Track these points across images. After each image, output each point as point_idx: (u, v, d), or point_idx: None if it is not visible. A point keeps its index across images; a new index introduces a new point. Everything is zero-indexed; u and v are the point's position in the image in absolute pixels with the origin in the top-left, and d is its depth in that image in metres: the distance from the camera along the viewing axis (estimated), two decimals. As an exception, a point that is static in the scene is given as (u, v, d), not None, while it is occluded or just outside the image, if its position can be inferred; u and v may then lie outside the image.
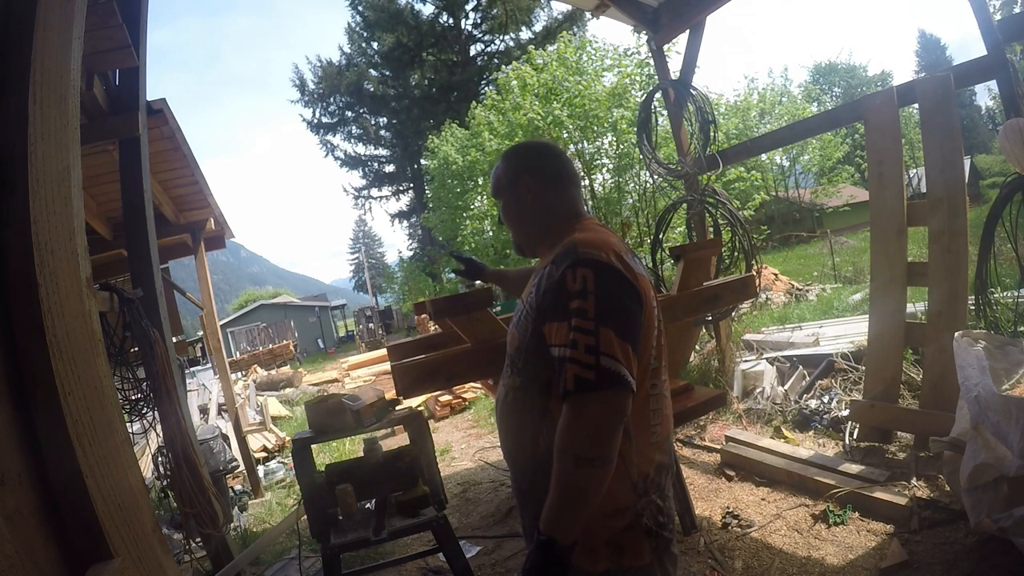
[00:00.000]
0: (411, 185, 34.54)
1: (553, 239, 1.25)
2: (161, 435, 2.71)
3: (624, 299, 1.08)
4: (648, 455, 1.14)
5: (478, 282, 2.18)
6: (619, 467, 1.05)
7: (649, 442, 1.15)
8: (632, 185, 14.22)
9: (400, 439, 5.40)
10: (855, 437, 3.42)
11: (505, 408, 1.26)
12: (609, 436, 1.01)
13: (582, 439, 1.00)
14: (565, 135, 14.08)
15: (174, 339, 3.64)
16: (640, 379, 1.09)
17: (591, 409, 1.00)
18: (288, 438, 6.58)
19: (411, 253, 37.37)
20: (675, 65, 5.25)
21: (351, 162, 35.24)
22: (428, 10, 31.08)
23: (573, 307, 1.05)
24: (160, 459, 2.74)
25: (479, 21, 30.65)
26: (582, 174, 14.80)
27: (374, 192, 36.46)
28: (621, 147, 13.69)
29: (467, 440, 5.93)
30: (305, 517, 2.62)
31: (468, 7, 30.15)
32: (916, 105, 3.24)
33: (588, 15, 13.65)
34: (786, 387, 4.37)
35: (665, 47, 5.09)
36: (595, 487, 1.01)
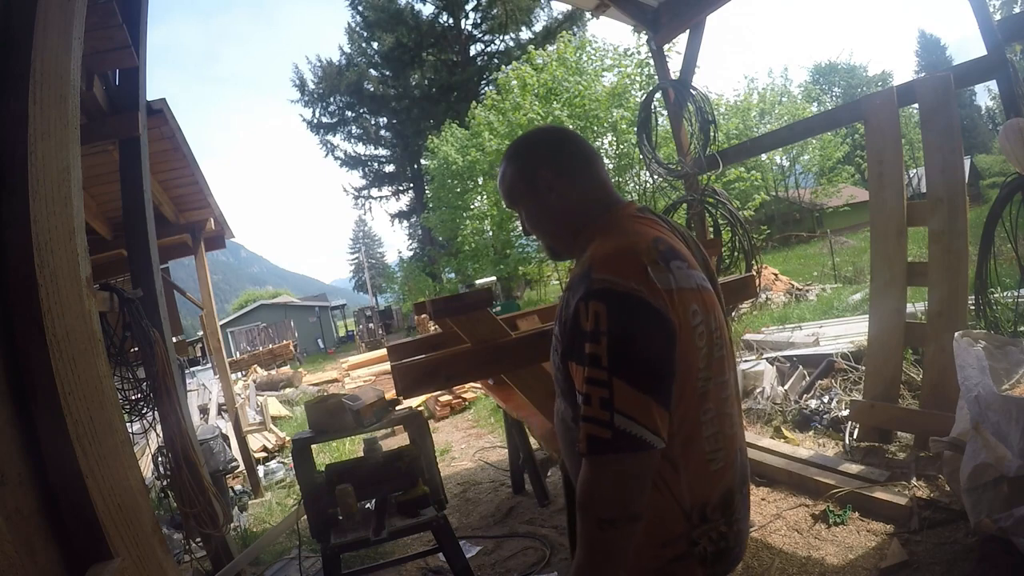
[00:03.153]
0: (411, 185, 34.55)
1: (582, 241, 1.10)
2: (161, 435, 2.71)
3: (644, 339, 0.92)
4: (707, 483, 1.03)
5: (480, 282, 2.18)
6: (667, 499, 1.00)
7: (708, 471, 1.03)
8: (632, 185, 14.24)
9: (400, 439, 5.40)
10: (855, 437, 3.42)
11: (561, 428, 1.17)
12: (632, 496, 0.93)
13: (602, 502, 0.92)
14: (565, 135, 14.09)
15: (174, 339, 3.64)
16: (684, 412, 0.99)
17: (609, 471, 0.91)
18: (288, 438, 6.58)
19: (411, 253, 37.37)
20: (675, 65, 5.26)
21: (351, 162, 35.26)
22: (428, 10, 31.14)
23: (587, 353, 0.92)
24: (160, 459, 2.74)
25: (479, 21, 30.67)
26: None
27: (374, 192, 36.52)
28: (621, 147, 13.71)
29: (467, 440, 5.93)
30: (305, 517, 2.62)
31: (468, 7, 30.17)
32: (916, 105, 3.24)
33: (588, 15, 13.66)
34: (786, 387, 4.37)
35: (665, 47, 5.09)
36: (621, 546, 0.94)
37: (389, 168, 35.70)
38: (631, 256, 0.97)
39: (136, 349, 2.63)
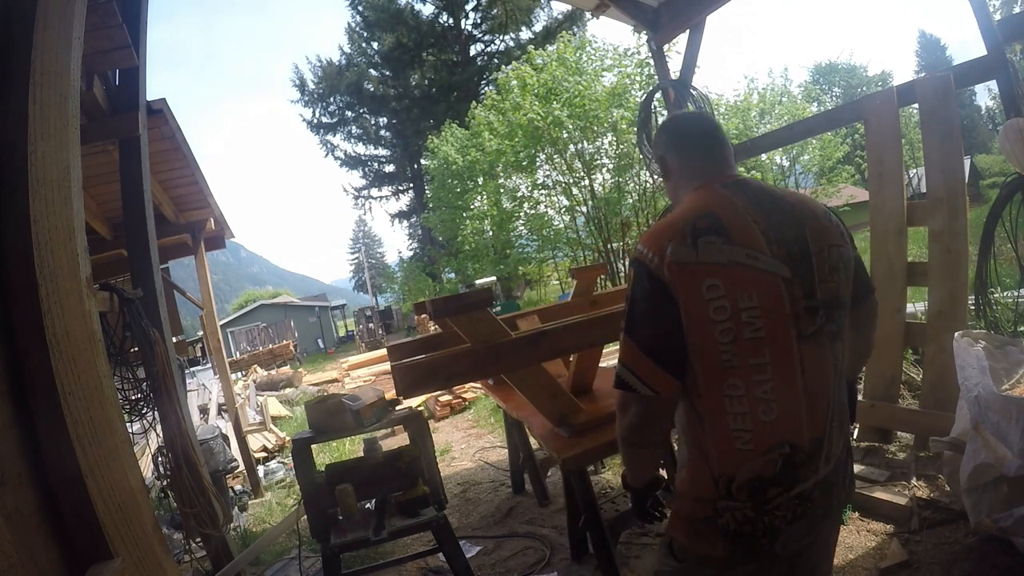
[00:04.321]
0: (411, 185, 34.56)
1: None
2: (161, 435, 2.71)
3: (645, 304, 1.08)
4: (731, 459, 1.08)
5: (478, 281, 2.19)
6: (699, 459, 1.13)
7: (733, 447, 1.08)
8: (632, 185, 14.23)
9: (400, 439, 5.40)
10: (855, 437, 3.42)
11: None
12: (639, 429, 1.14)
13: (621, 425, 1.16)
14: (565, 135, 14.09)
15: (174, 339, 3.64)
16: (707, 380, 1.08)
17: (622, 404, 1.14)
18: (288, 438, 6.58)
19: (411, 253, 37.39)
20: (675, 65, 5.25)
21: (351, 162, 35.26)
22: (428, 10, 31.15)
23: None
24: (160, 459, 2.74)
25: (479, 21, 30.67)
26: (582, 174, 14.83)
27: (374, 192, 36.53)
28: (621, 147, 13.71)
29: (467, 440, 5.92)
30: (305, 517, 2.62)
31: (468, 7, 30.18)
32: (916, 105, 3.24)
33: (588, 15, 13.65)
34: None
35: (665, 47, 5.09)
36: (632, 458, 1.25)
37: (389, 168, 35.72)
38: (663, 230, 1.10)
39: (136, 349, 2.63)
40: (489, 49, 31.19)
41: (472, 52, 31.13)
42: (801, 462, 1.09)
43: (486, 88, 25.42)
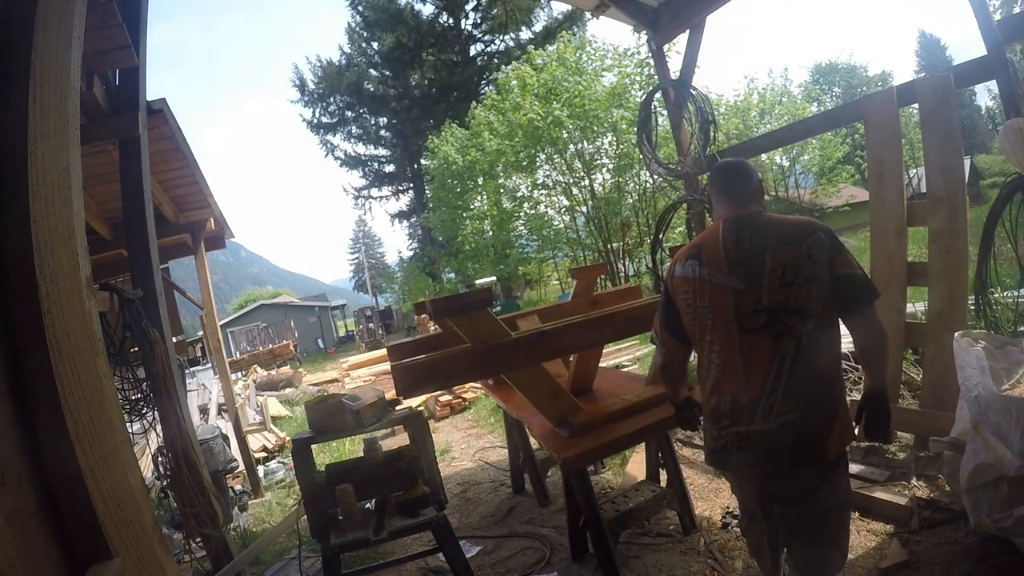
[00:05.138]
0: (411, 185, 34.54)
1: None
2: (161, 435, 2.71)
3: (664, 299, 1.86)
4: (706, 395, 1.78)
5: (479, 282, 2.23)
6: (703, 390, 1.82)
7: (706, 388, 1.78)
8: (632, 185, 14.23)
9: (400, 439, 5.40)
10: (855, 433, 3.41)
11: None
12: (662, 368, 1.94)
13: (653, 366, 2.23)
14: (565, 135, 14.09)
15: (174, 339, 3.64)
16: (693, 345, 1.81)
17: (656, 355, 1.99)
18: (288, 438, 6.58)
19: (411, 253, 37.36)
20: (675, 65, 5.26)
21: (351, 162, 35.24)
22: (428, 10, 31.12)
23: None
24: (160, 459, 2.74)
25: (479, 21, 30.65)
26: (582, 173, 14.82)
27: (374, 192, 36.49)
28: (621, 147, 13.70)
29: (467, 440, 5.92)
30: (305, 517, 2.62)
31: (468, 7, 30.15)
32: (916, 105, 3.24)
33: (588, 15, 13.65)
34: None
35: (665, 47, 5.09)
36: (668, 387, 2.00)
37: (389, 168, 35.69)
38: (678, 254, 1.83)
39: (136, 349, 2.63)
40: (489, 49, 31.18)
41: (472, 52, 31.11)
42: (740, 411, 1.67)
43: (486, 88, 25.41)
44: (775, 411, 1.61)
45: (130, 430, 2.15)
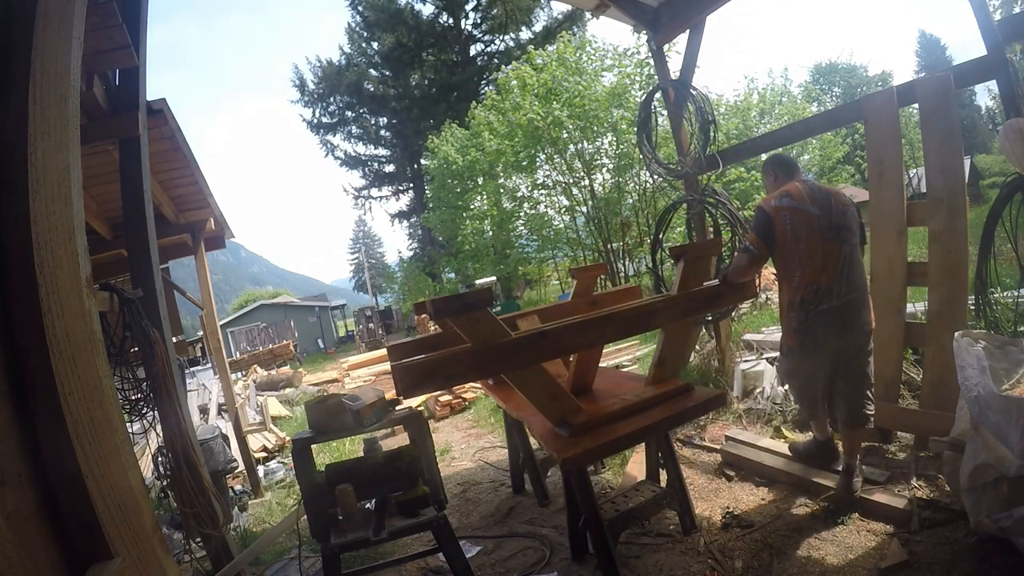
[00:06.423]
0: (411, 185, 34.54)
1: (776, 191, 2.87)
2: (161, 435, 2.71)
3: (757, 218, 2.74)
4: (795, 290, 2.68)
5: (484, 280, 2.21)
6: (784, 290, 2.77)
7: (793, 284, 2.68)
8: (632, 185, 14.23)
9: (400, 439, 5.40)
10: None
11: None
12: (737, 268, 2.71)
13: (737, 269, 2.72)
14: (565, 135, 14.08)
15: (174, 339, 3.64)
16: (784, 254, 2.68)
17: (742, 259, 2.73)
18: (288, 438, 6.58)
19: (411, 253, 37.37)
20: (675, 65, 5.25)
21: (351, 162, 35.25)
22: (428, 10, 31.14)
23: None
24: (160, 459, 2.74)
25: (479, 21, 30.66)
26: (582, 174, 14.83)
27: (374, 192, 36.50)
28: (621, 147, 13.69)
29: (467, 440, 5.92)
30: (305, 517, 2.62)
31: (468, 7, 30.16)
32: (916, 105, 3.24)
33: (588, 15, 13.64)
34: (786, 387, 4.36)
35: (665, 47, 5.08)
36: (748, 275, 2.75)
37: (389, 168, 35.70)
38: (772, 196, 2.76)
39: (136, 349, 2.63)
40: (489, 49, 31.19)
41: (472, 52, 31.12)
42: (823, 295, 2.62)
43: (486, 88, 25.41)
44: (844, 291, 2.62)
45: (130, 430, 2.15)
